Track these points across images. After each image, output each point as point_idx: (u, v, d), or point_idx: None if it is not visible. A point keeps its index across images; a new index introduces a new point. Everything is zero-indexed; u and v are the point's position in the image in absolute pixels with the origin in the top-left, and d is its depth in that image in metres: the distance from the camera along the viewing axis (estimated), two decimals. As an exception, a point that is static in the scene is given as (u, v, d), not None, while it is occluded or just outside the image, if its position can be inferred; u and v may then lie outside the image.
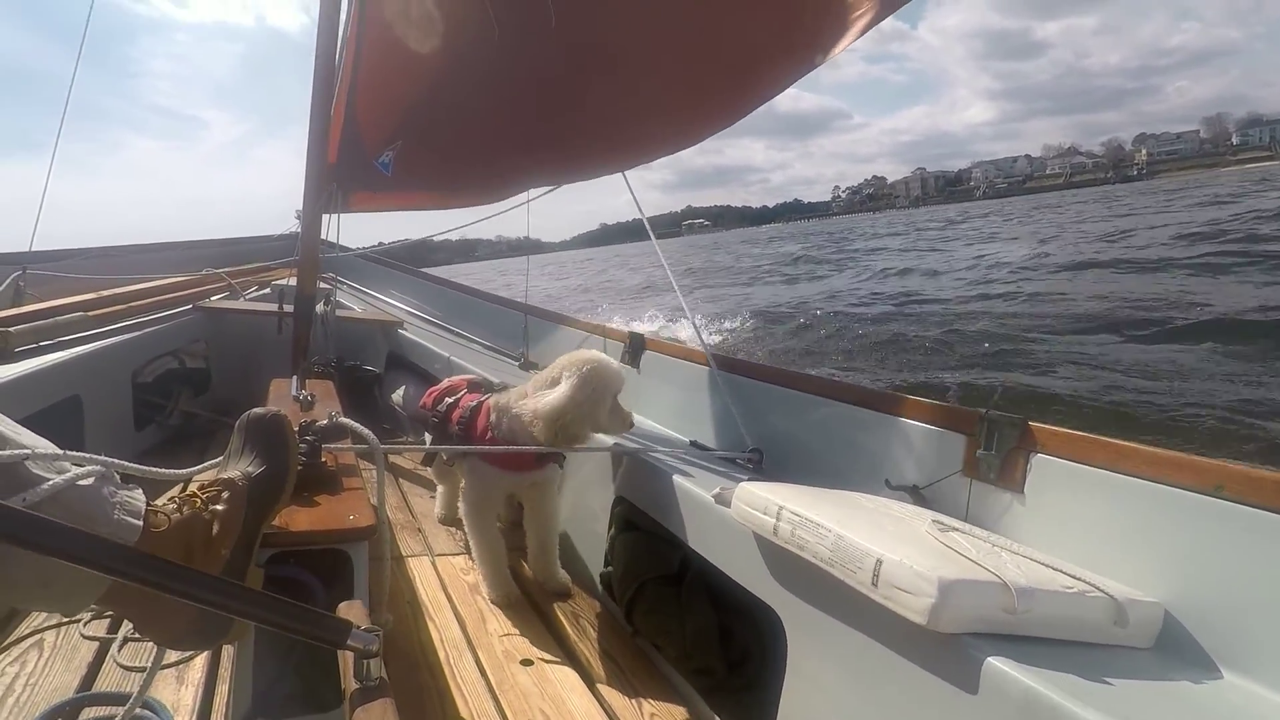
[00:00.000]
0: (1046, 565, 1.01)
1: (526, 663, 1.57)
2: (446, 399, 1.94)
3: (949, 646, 0.88)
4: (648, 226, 2.77)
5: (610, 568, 1.82)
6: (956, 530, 1.10)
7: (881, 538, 0.99)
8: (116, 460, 0.95)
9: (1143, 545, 1.06)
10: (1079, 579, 0.97)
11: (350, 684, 0.75)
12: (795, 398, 1.84)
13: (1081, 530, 1.14)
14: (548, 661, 1.58)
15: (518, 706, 1.41)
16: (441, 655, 1.58)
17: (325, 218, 3.07)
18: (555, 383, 1.71)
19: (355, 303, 4.41)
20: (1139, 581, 1.00)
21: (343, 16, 2.81)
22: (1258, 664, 0.88)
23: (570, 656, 1.62)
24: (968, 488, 1.34)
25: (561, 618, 1.79)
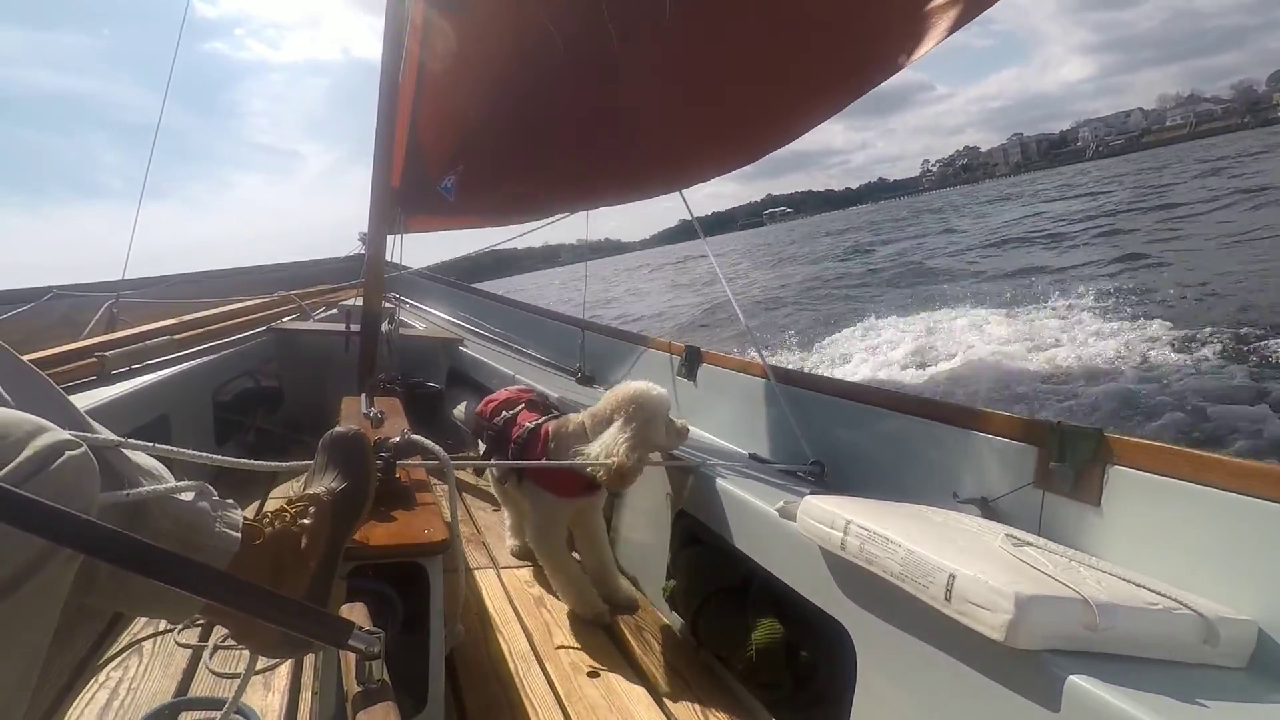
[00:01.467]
0: (1128, 581, 0.98)
1: (593, 675, 1.59)
2: (505, 412, 1.96)
3: (1027, 664, 0.86)
4: (702, 235, 2.78)
5: (674, 581, 1.83)
6: (1031, 545, 1.08)
7: (953, 552, 0.97)
8: (218, 456, 1.03)
9: (1232, 560, 1.02)
10: (1164, 595, 0.94)
11: (352, 685, 0.76)
12: (855, 409, 1.82)
13: (1164, 545, 1.10)
14: (614, 674, 1.60)
15: (586, 718, 1.43)
16: (510, 667, 1.62)
17: (389, 239, 3.20)
18: (608, 422, 1.73)
19: (417, 320, 4.55)
20: (1229, 598, 0.97)
21: (405, 46, 2.94)
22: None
23: (636, 669, 1.63)
24: (1040, 500, 1.30)
25: (626, 631, 1.81)
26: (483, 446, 2.07)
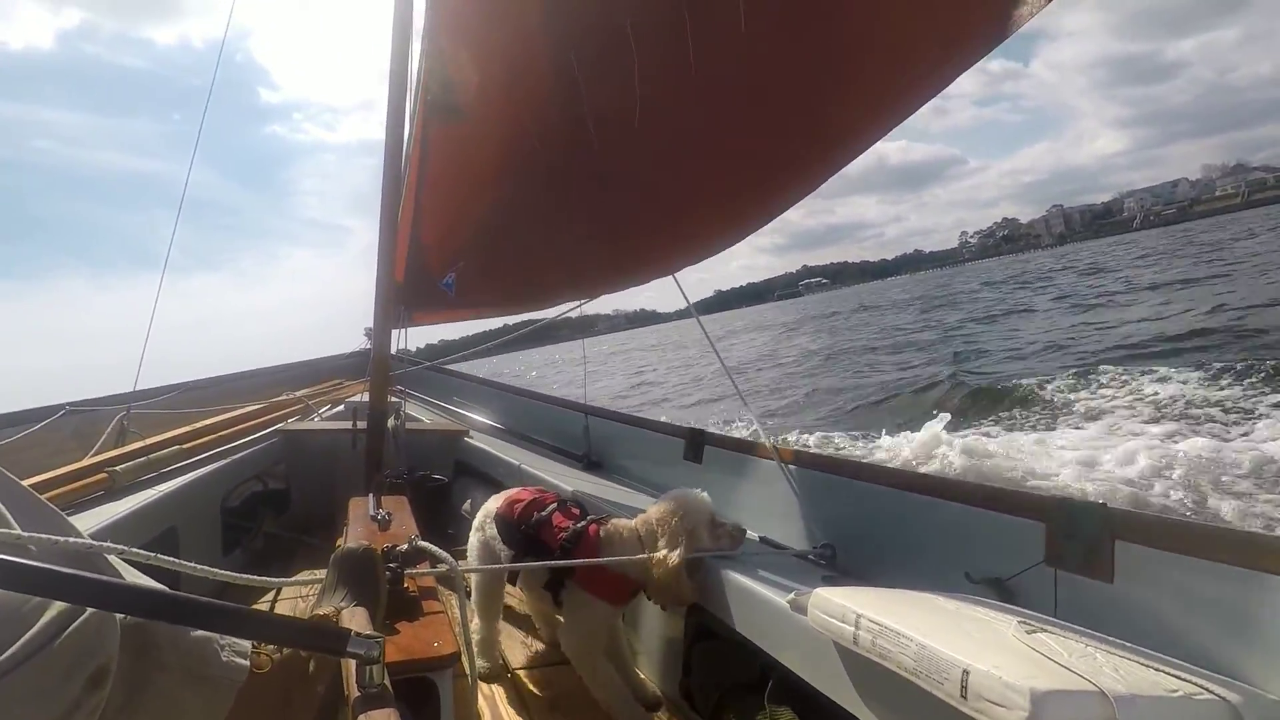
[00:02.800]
0: (1147, 664, 0.97)
1: (613, 782, 1.54)
2: (536, 513, 1.91)
3: None
4: (700, 323, 2.83)
5: (689, 677, 1.79)
6: (1044, 631, 1.07)
7: (966, 644, 0.97)
8: (219, 571, 1.03)
9: (1253, 639, 1.01)
10: (1185, 678, 0.92)
11: (353, 690, 0.74)
12: (864, 489, 1.82)
13: (1182, 622, 1.09)
14: (634, 780, 1.55)
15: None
16: (527, 777, 1.56)
17: (394, 333, 3.27)
18: (656, 536, 1.75)
19: (423, 413, 4.59)
20: (1257, 678, 0.95)
21: (408, 151, 3.08)
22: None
23: (656, 773, 1.58)
24: (1054, 578, 1.29)
25: (644, 731, 1.75)
26: (494, 547, 2.03)
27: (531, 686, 2.01)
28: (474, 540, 2.06)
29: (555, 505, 1.92)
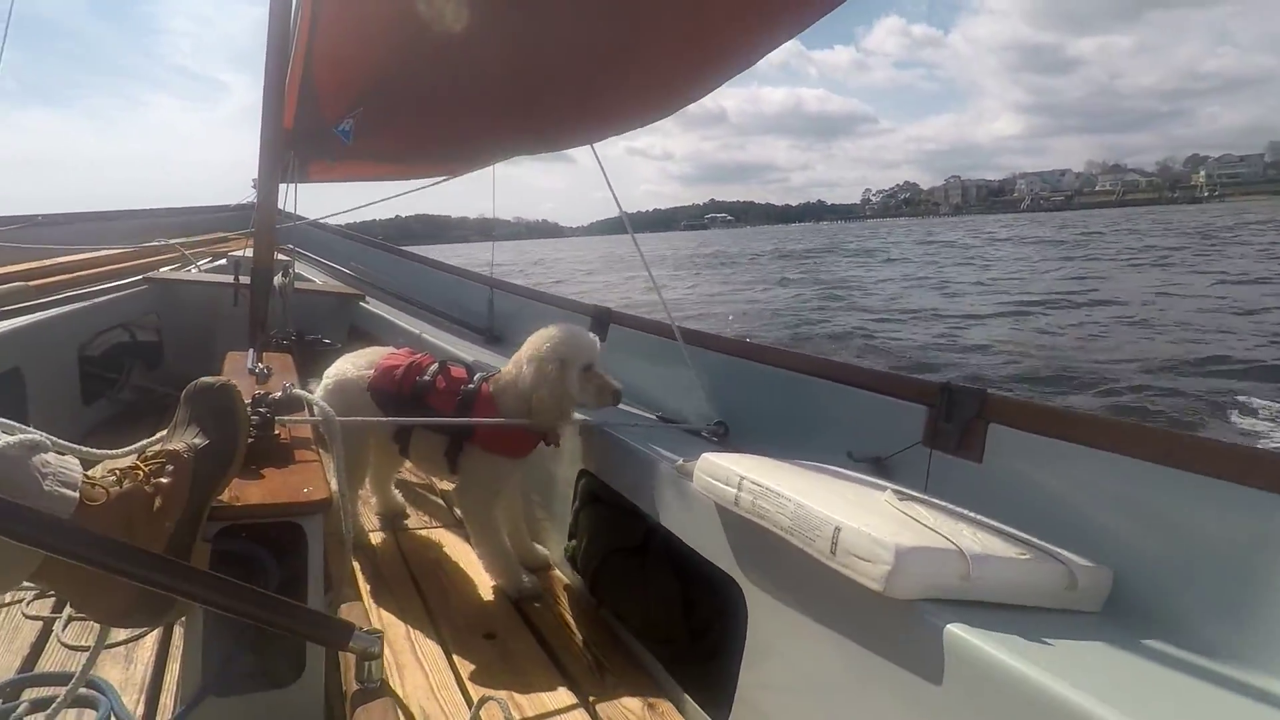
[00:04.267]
0: (1002, 534, 1.03)
1: (489, 636, 1.56)
2: (418, 377, 1.79)
3: (905, 613, 0.88)
4: (628, 224, 2.70)
5: (574, 541, 1.81)
6: (916, 500, 1.11)
7: (841, 507, 0.99)
8: (51, 437, 0.91)
9: (1095, 513, 1.08)
10: (1033, 546, 0.99)
11: (351, 684, 0.73)
12: (760, 370, 1.83)
13: (1037, 499, 1.16)
14: (512, 635, 1.58)
15: (480, 679, 1.40)
16: (403, 630, 1.56)
17: (283, 187, 2.98)
18: (523, 363, 1.68)
19: (316, 275, 4.30)
20: (1091, 548, 1.02)
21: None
22: (1203, 626, 0.91)
23: (533, 629, 1.61)
24: (928, 459, 1.35)
25: (525, 591, 1.78)
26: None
27: (416, 545, 2.00)
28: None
29: (436, 367, 1.81)
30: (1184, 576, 0.95)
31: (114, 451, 1.11)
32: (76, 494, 0.89)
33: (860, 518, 0.94)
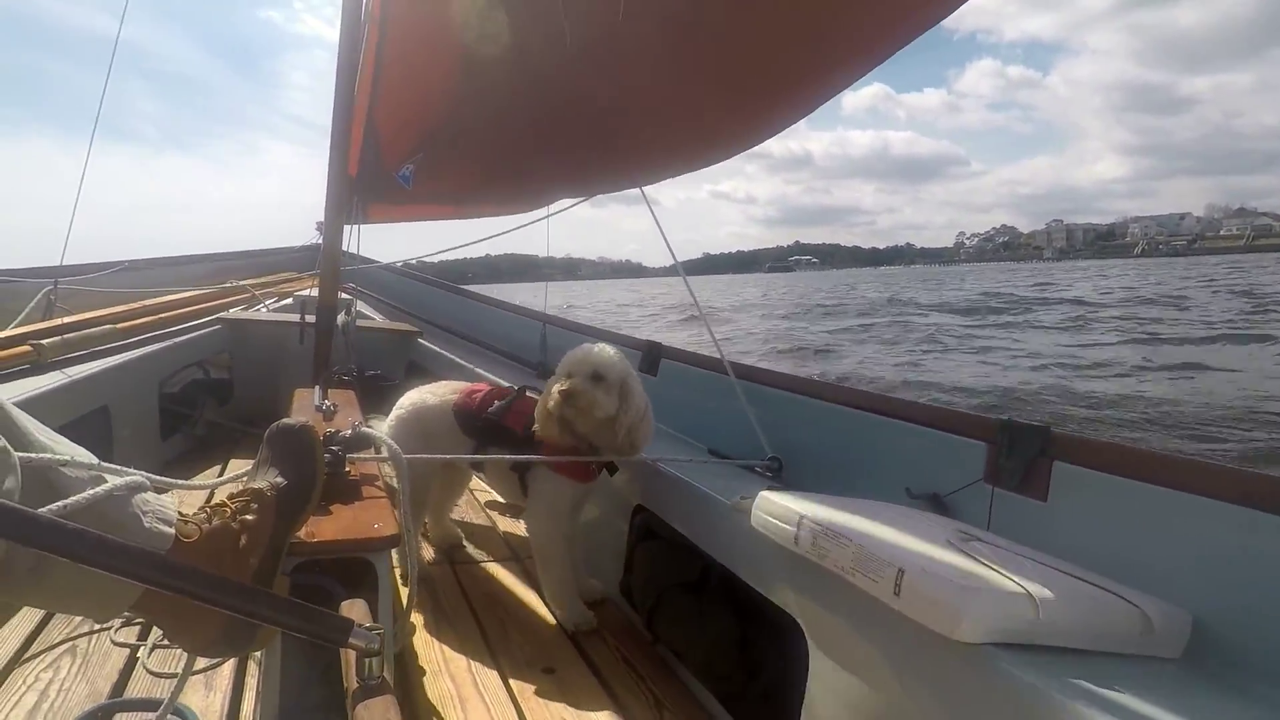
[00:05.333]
0: (1071, 575, 1.01)
1: (548, 670, 1.58)
2: (497, 401, 1.90)
3: (973, 657, 0.87)
4: (678, 264, 2.75)
5: (630, 575, 1.83)
6: (979, 540, 1.10)
7: (904, 546, 0.98)
8: (150, 475, 0.98)
9: (1170, 555, 1.05)
10: (1104, 589, 0.96)
11: (352, 682, 0.75)
12: (814, 405, 1.84)
13: (1107, 539, 1.13)
14: (569, 669, 1.59)
15: (539, 713, 1.42)
16: (463, 663, 1.59)
17: (346, 229, 3.12)
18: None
19: (376, 313, 4.47)
20: (1166, 592, 0.99)
21: (364, 32, 2.87)
22: (1289, 675, 0.87)
23: (591, 664, 1.62)
24: (989, 496, 1.33)
25: (582, 625, 1.79)
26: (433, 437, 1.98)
27: (475, 579, 2.04)
28: (395, 432, 1.94)
29: (515, 394, 1.92)
30: (1269, 623, 0.92)
31: (207, 482, 1.18)
32: (173, 530, 0.95)
33: (924, 558, 0.94)
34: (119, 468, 0.92)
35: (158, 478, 0.99)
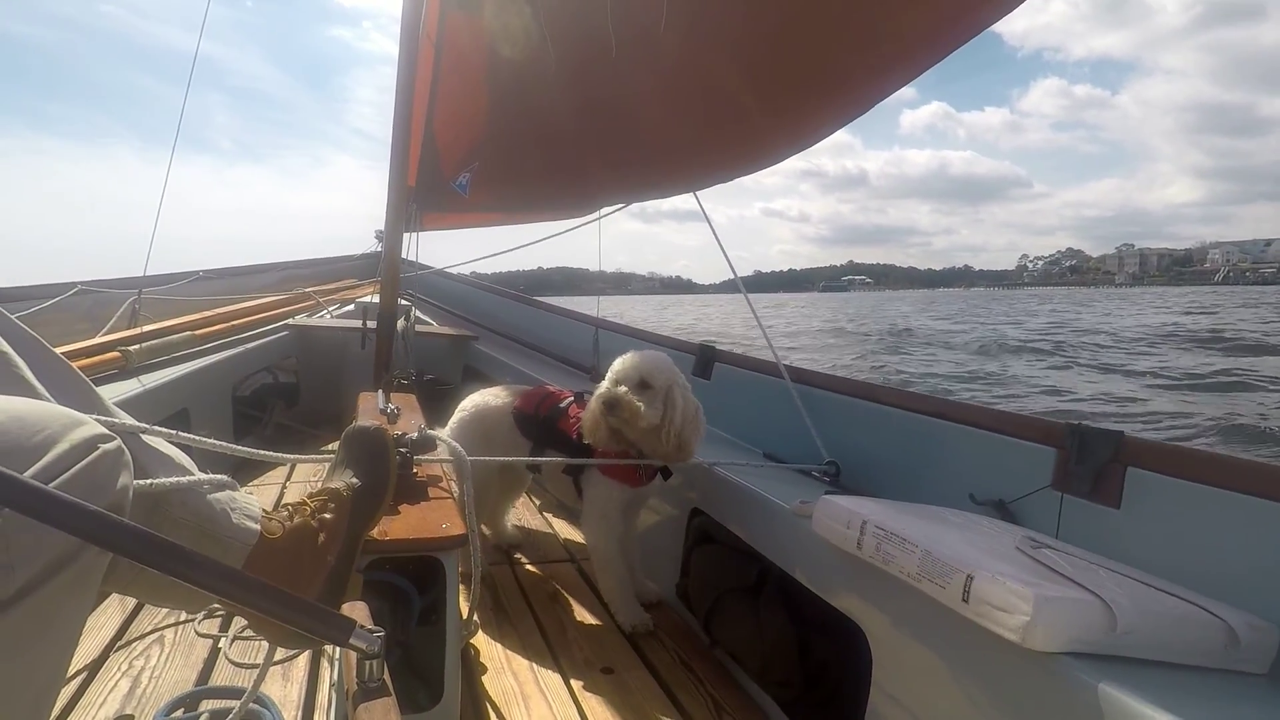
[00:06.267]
0: (1147, 584, 0.98)
1: (607, 671, 1.60)
2: (555, 405, 1.95)
3: (1045, 666, 0.85)
4: (736, 276, 2.74)
5: (687, 579, 1.84)
6: (1049, 547, 1.07)
7: (971, 553, 0.97)
8: (235, 446, 1.04)
9: (1255, 564, 1.01)
10: (1184, 599, 0.93)
11: (352, 683, 0.76)
12: (871, 409, 1.82)
13: (1186, 548, 1.09)
14: (628, 670, 1.61)
15: (600, 713, 1.44)
16: (524, 662, 1.63)
17: (405, 236, 3.22)
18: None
19: (434, 318, 4.58)
20: (1252, 603, 0.96)
21: (420, 47, 2.95)
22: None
23: (650, 666, 1.64)
24: (1058, 503, 1.30)
25: (639, 627, 1.81)
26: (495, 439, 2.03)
27: (534, 579, 2.08)
28: (456, 434, 2.02)
29: (572, 399, 1.96)
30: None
31: (286, 455, 1.23)
32: (258, 526, 1.01)
33: (993, 564, 0.93)
34: (212, 475, 0.98)
35: (240, 449, 1.05)
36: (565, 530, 2.51)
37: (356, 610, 0.96)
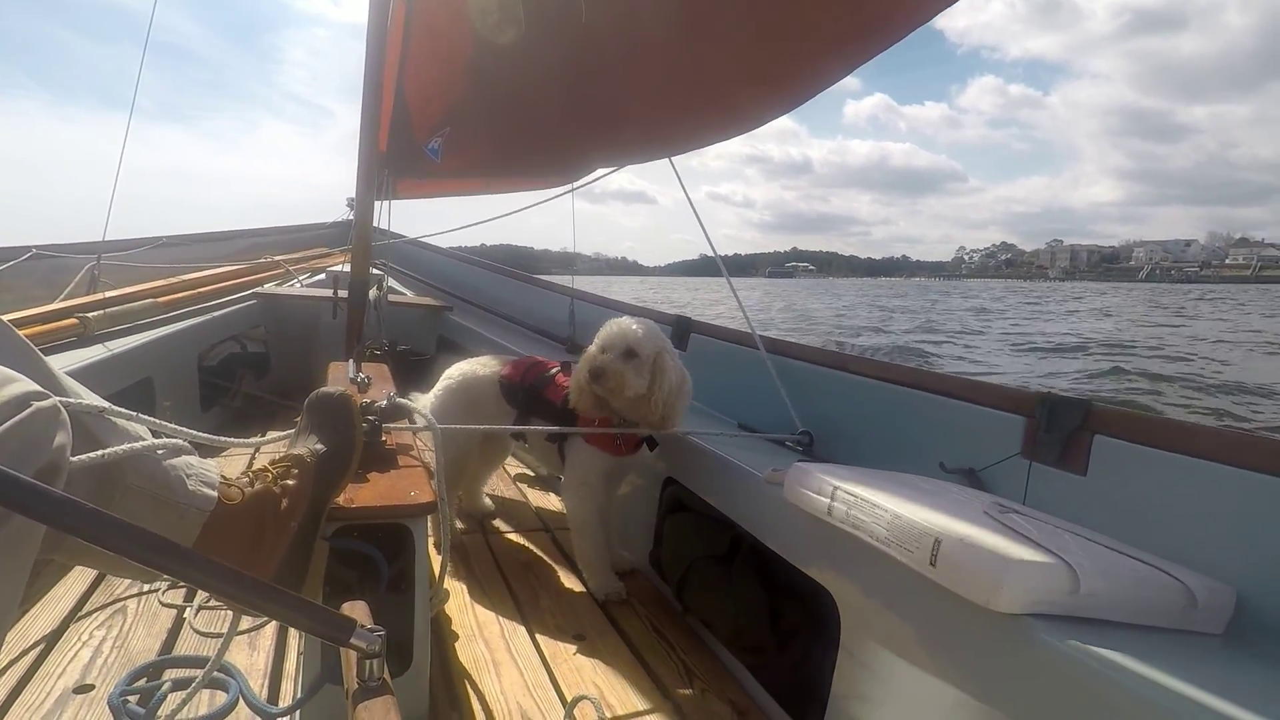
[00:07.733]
0: (1110, 548, 0.99)
1: (579, 638, 1.60)
2: (540, 374, 1.94)
3: (1010, 627, 0.86)
4: (719, 259, 2.72)
5: (660, 547, 1.84)
6: (1017, 512, 1.09)
7: (939, 518, 0.98)
8: (192, 431, 1.00)
9: (1213, 529, 1.03)
10: (1146, 562, 0.95)
11: (352, 682, 0.76)
12: (845, 379, 1.82)
13: (1148, 514, 1.11)
14: (600, 638, 1.62)
15: (572, 679, 1.44)
16: (497, 628, 1.62)
17: (376, 204, 3.15)
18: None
19: (407, 288, 4.51)
20: (1209, 567, 0.97)
21: (392, 9, 2.86)
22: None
23: (621, 633, 1.64)
24: (1027, 471, 1.31)
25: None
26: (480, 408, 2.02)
27: (507, 548, 2.07)
28: (442, 402, 2.02)
29: (559, 368, 1.94)
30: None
31: (248, 440, 1.21)
32: (215, 493, 0.98)
33: (961, 529, 0.93)
34: (170, 425, 0.95)
35: (199, 434, 1.01)
36: (539, 499, 2.50)
37: (357, 609, 0.94)
